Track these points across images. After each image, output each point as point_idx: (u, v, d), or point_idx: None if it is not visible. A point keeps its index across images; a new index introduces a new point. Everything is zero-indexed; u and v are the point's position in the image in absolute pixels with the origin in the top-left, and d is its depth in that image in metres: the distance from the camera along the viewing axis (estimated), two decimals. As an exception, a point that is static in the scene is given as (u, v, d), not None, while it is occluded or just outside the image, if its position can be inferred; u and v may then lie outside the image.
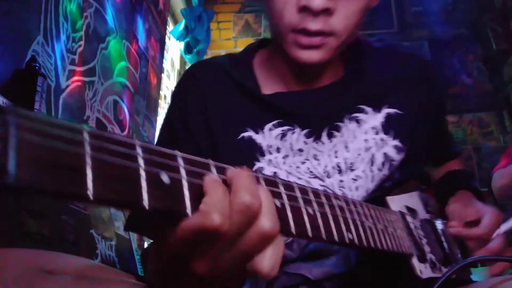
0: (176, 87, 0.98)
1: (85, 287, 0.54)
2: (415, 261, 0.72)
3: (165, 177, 0.36)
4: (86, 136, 0.30)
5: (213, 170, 0.41)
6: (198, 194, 0.38)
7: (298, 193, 0.51)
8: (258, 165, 0.83)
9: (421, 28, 3.78)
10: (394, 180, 0.87)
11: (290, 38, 0.78)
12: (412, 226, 0.77)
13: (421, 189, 0.91)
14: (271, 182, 0.48)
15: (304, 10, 0.75)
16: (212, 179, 0.39)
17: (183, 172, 0.38)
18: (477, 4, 3.72)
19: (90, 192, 0.28)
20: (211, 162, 0.42)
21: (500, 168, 1.92)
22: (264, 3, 0.84)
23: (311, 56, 0.79)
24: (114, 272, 0.61)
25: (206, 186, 0.39)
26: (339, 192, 0.83)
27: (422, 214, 0.85)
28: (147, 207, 0.33)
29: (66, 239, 1.81)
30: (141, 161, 0.34)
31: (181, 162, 0.38)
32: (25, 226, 1.55)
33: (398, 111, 0.89)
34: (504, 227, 0.77)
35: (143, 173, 0.33)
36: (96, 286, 0.55)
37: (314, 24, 0.75)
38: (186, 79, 0.96)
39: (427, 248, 0.77)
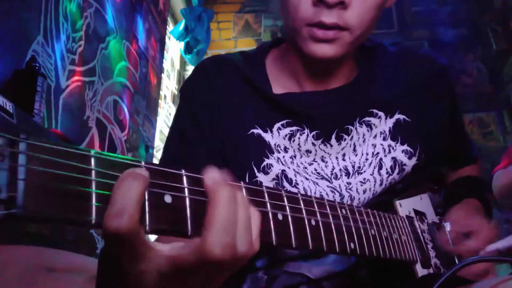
0: (187, 81, 0.96)
1: None
2: (418, 267, 0.72)
3: (168, 198, 0.36)
4: (92, 162, 0.30)
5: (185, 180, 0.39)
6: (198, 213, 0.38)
7: (301, 205, 0.50)
8: (267, 161, 0.83)
9: (421, 28, 3.77)
10: (406, 183, 0.86)
11: (305, 32, 0.79)
12: (419, 231, 0.77)
13: (433, 190, 0.91)
14: (275, 195, 0.47)
15: (320, 3, 0.76)
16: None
17: (186, 192, 0.38)
18: (477, 4, 3.71)
19: (94, 221, 0.29)
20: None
21: (500, 169, 1.92)
22: None
23: (325, 50, 0.79)
24: None
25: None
26: (346, 194, 0.83)
27: (432, 216, 0.84)
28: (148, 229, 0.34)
29: (66, 239, 1.81)
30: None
31: (185, 180, 0.38)
32: (25, 226, 1.55)
33: (407, 118, 0.88)
34: (493, 246, 0.76)
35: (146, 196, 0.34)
36: None
37: (329, 17, 0.76)
38: (197, 73, 0.95)
39: (432, 253, 0.77)
